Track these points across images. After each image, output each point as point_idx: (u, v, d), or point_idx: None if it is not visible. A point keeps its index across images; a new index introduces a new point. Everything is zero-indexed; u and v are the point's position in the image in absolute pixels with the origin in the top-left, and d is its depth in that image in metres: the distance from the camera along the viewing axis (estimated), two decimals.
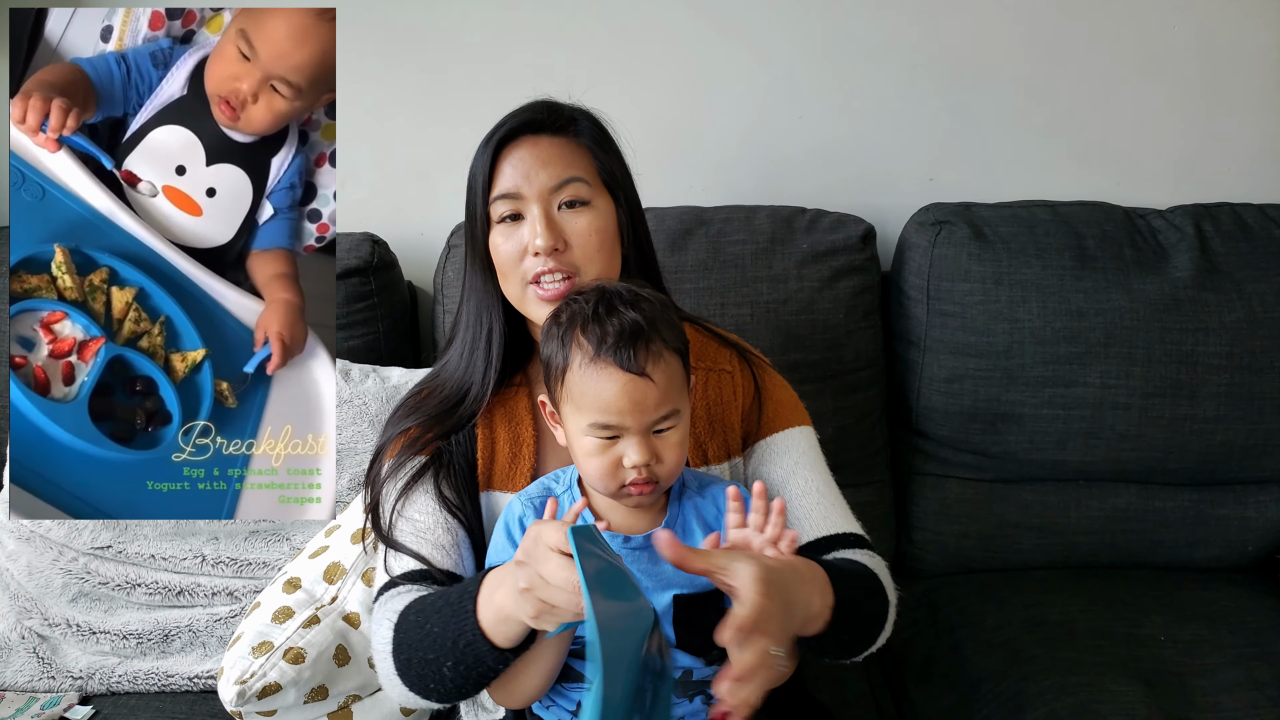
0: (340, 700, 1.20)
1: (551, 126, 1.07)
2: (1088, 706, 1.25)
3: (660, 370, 0.91)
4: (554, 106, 1.09)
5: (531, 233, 1.03)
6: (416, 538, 1.04)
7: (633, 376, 0.90)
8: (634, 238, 1.10)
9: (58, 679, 1.35)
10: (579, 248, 1.03)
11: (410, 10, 1.63)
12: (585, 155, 1.07)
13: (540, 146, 1.06)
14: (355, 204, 1.71)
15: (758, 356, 1.17)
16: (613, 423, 0.91)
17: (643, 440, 0.92)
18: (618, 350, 0.90)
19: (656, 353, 0.92)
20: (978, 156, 1.71)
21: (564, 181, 1.04)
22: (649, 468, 0.92)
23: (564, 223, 1.04)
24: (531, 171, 1.04)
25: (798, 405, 1.16)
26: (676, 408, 0.93)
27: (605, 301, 0.94)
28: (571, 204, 1.04)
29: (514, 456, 1.09)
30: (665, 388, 0.92)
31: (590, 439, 0.93)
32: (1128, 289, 1.52)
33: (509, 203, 1.04)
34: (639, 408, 0.91)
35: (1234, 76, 1.68)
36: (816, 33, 1.66)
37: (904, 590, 1.59)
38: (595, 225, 1.05)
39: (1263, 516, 1.59)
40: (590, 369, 0.91)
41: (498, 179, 1.05)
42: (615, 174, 1.08)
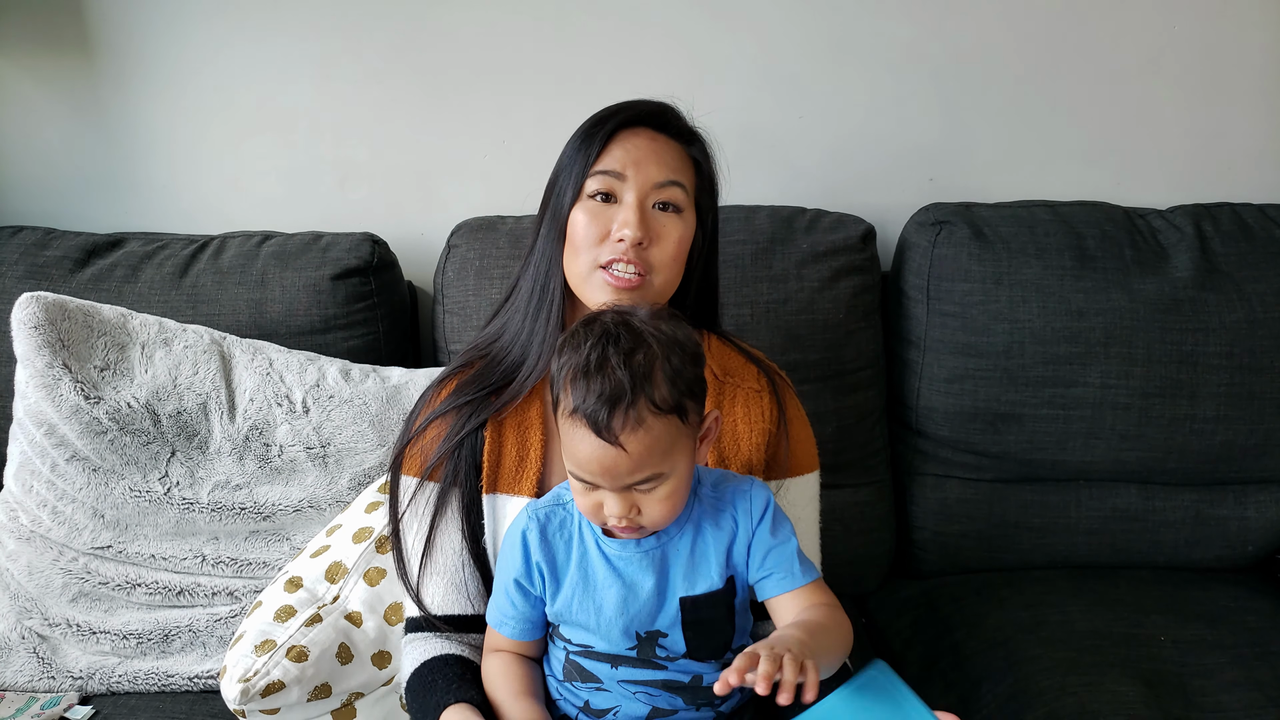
0: (343, 698, 1.20)
1: (673, 129, 1.11)
2: (1088, 706, 1.25)
3: (637, 439, 0.87)
4: (679, 114, 1.13)
5: (624, 220, 1.05)
6: (436, 577, 1.09)
7: (604, 444, 0.87)
8: (702, 260, 1.13)
9: (58, 679, 1.35)
10: (660, 249, 1.06)
11: (410, 10, 1.63)
12: (692, 168, 1.10)
13: (659, 142, 1.09)
14: (355, 204, 1.71)
15: (782, 377, 1.18)
16: (586, 479, 0.91)
17: (620, 496, 0.90)
18: (594, 416, 0.86)
19: (637, 419, 0.86)
20: (978, 156, 1.72)
21: (668, 181, 1.06)
22: (629, 518, 0.92)
23: (654, 221, 1.06)
24: (644, 161, 1.06)
25: (813, 446, 1.18)
26: (659, 471, 0.89)
27: (600, 350, 0.88)
28: (665, 206, 1.07)
29: (520, 460, 1.09)
30: (641, 456, 0.87)
31: (572, 479, 0.93)
32: (1128, 289, 1.52)
33: (609, 180, 1.06)
34: (609, 473, 0.89)
35: (1234, 76, 1.68)
36: (817, 33, 1.66)
37: (904, 590, 1.61)
38: (680, 234, 1.07)
39: (1263, 516, 1.59)
40: (569, 422, 0.89)
41: (606, 155, 1.07)
42: (706, 199, 1.12)
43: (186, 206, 1.72)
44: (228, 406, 1.38)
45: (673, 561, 0.97)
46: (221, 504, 1.36)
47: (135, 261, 1.55)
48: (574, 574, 0.98)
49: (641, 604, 0.96)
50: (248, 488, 1.37)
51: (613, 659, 0.99)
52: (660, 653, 0.97)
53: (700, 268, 1.14)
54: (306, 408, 1.38)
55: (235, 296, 1.51)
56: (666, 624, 0.97)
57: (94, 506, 1.35)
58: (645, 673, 0.98)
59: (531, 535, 0.99)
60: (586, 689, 1.00)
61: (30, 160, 1.71)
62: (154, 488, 1.35)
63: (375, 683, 1.21)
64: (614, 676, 0.99)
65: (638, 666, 0.98)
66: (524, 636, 1.02)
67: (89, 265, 1.54)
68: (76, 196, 1.72)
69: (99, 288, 1.51)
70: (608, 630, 0.97)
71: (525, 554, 0.99)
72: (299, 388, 1.40)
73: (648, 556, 0.97)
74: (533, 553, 0.99)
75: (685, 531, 0.98)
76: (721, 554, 0.97)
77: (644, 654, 0.97)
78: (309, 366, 1.42)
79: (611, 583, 0.97)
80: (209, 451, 1.38)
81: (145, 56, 1.65)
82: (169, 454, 1.36)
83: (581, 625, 0.98)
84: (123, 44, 1.64)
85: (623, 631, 0.97)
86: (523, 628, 1.01)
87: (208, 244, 1.58)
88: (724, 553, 0.97)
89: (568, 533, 0.99)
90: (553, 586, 0.99)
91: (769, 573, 0.97)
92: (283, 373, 1.41)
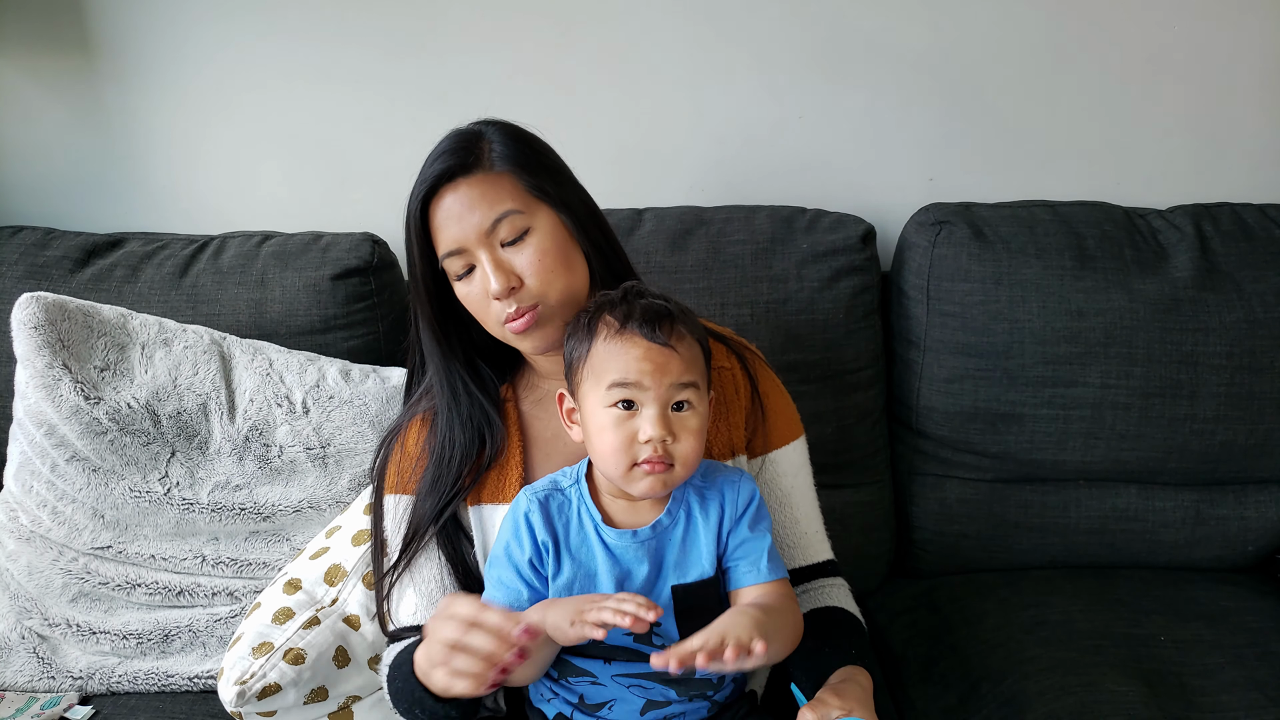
0: (340, 701, 1.20)
1: (463, 168, 1.03)
2: (1088, 706, 1.25)
3: (684, 345, 0.96)
4: (461, 143, 1.04)
5: (484, 280, 1.03)
6: (416, 590, 1.09)
7: (657, 345, 0.94)
8: (590, 236, 1.08)
9: (58, 679, 1.35)
10: (532, 277, 1.03)
11: (410, 10, 1.63)
12: (508, 181, 1.04)
13: (460, 192, 1.03)
14: (355, 204, 1.71)
15: (752, 351, 1.18)
16: (632, 380, 0.93)
17: (661, 413, 0.93)
18: (644, 323, 0.94)
19: (681, 333, 0.96)
20: (978, 156, 1.71)
21: (496, 220, 1.02)
22: (664, 444, 0.93)
23: (511, 259, 1.03)
24: (463, 218, 1.03)
25: (793, 412, 1.18)
26: (696, 381, 0.96)
27: (634, 291, 0.99)
28: (517, 238, 1.03)
29: (501, 469, 1.10)
30: (687, 359, 0.95)
31: (607, 413, 0.94)
32: (1128, 289, 1.52)
33: (459, 259, 1.04)
34: (661, 370, 0.93)
35: (1234, 76, 1.68)
36: (817, 33, 1.65)
37: (904, 590, 1.61)
38: (541, 247, 1.03)
39: (1263, 516, 1.59)
40: (615, 340, 0.95)
41: (437, 237, 1.05)
42: (545, 186, 1.05)
43: (186, 206, 1.72)
44: (228, 407, 1.38)
45: (666, 551, 0.99)
46: (221, 504, 1.36)
47: (135, 261, 1.55)
48: (574, 557, 0.99)
49: (636, 590, 0.97)
50: (248, 488, 1.37)
51: (607, 653, 0.99)
52: (656, 640, 0.98)
53: (595, 238, 1.08)
54: (306, 408, 1.39)
55: (235, 296, 1.51)
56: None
57: (94, 507, 1.35)
58: (639, 665, 0.99)
59: (534, 516, 0.99)
60: (581, 683, 1.00)
61: (30, 160, 1.71)
62: (154, 488, 1.35)
63: (372, 686, 1.22)
64: (608, 671, 0.99)
65: (631, 660, 0.98)
66: None
67: (89, 265, 1.54)
68: (76, 196, 1.72)
69: (99, 288, 1.51)
70: None
71: (531, 534, 0.99)
72: (299, 388, 1.40)
73: (644, 547, 0.98)
74: (537, 531, 0.99)
75: (678, 521, 0.99)
76: (712, 542, 0.99)
77: (641, 640, 0.98)
78: (309, 367, 1.42)
79: (609, 568, 0.97)
80: (209, 452, 1.38)
81: (145, 56, 1.65)
82: (169, 454, 1.37)
83: None
84: (123, 44, 1.64)
85: None
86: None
87: (208, 244, 1.58)
88: (714, 540, 0.99)
89: (566, 516, 1.00)
90: (554, 566, 0.99)
91: (737, 563, 1.00)
92: (283, 373, 1.41)
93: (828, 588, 1.14)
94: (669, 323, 0.95)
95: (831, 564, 1.17)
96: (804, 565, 1.15)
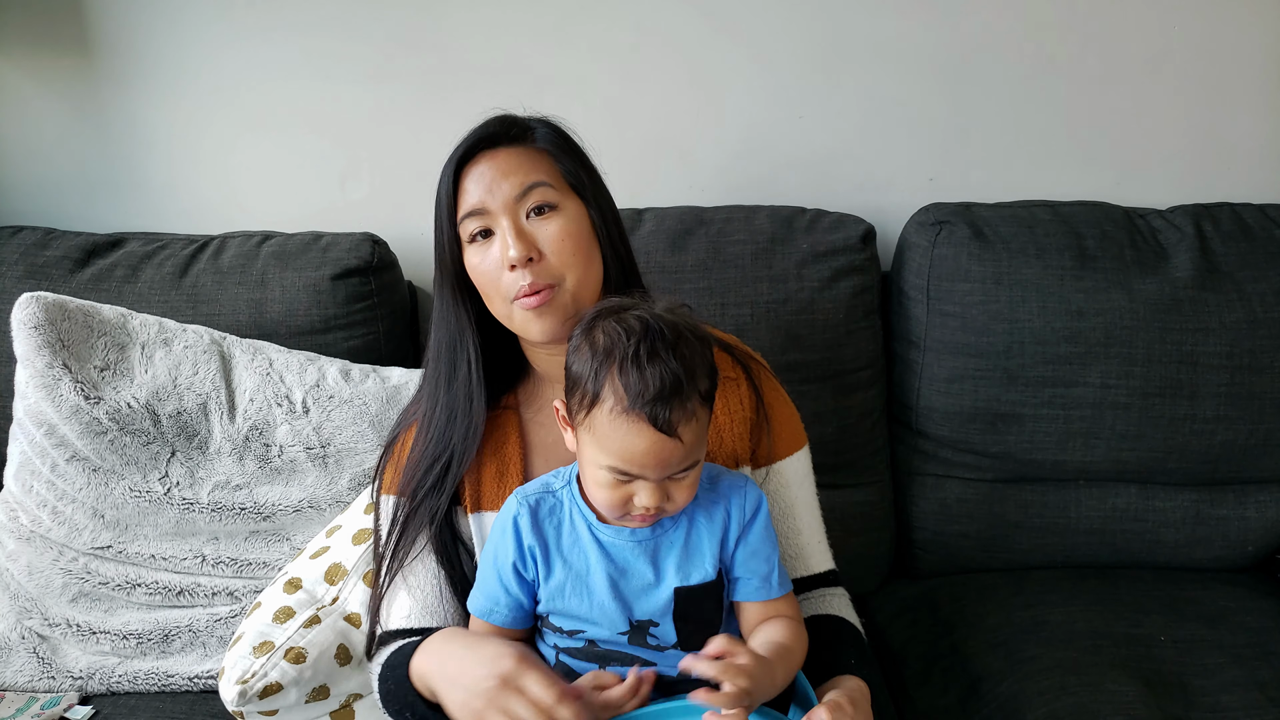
0: (342, 699, 1.20)
1: (508, 138, 1.05)
2: (1088, 706, 1.25)
3: (690, 429, 0.90)
4: (509, 119, 1.07)
5: (503, 246, 1.01)
6: (409, 594, 1.09)
7: (663, 437, 0.88)
8: (611, 239, 1.08)
9: (58, 679, 1.35)
10: (553, 254, 1.02)
11: (409, 10, 1.63)
12: (546, 160, 1.05)
13: (499, 158, 1.04)
14: (355, 204, 1.71)
15: (757, 361, 1.17)
16: (633, 472, 0.91)
17: (657, 487, 0.92)
18: (654, 408, 0.87)
19: (690, 411, 0.89)
20: (978, 156, 1.71)
21: (528, 188, 1.02)
22: (659, 508, 0.93)
23: (534, 231, 1.02)
24: (494, 184, 1.03)
25: (797, 422, 1.17)
26: (699, 458, 0.94)
27: (648, 341, 0.89)
28: (540, 210, 1.03)
29: (501, 475, 1.10)
30: (691, 445, 0.91)
31: (603, 473, 0.92)
32: (1128, 289, 1.52)
33: (477, 219, 1.03)
34: (662, 464, 0.90)
35: (1234, 76, 1.68)
36: (816, 33, 1.65)
37: (904, 590, 1.61)
38: (567, 229, 1.03)
39: (1263, 516, 1.59)
40: (622, 418, 0.89)
41: (462, 198, 1.04)
42: (580, 176, 1.06)
43: (186, 206, 1.72)
44: (228, 407, 1.38)
45: (665, 552, 0.98)
46: (221, 504, 1.36)
47: (135, 261, 1.55)
48: (566, 559, 0.98)
49: (633, 589, 0.97)
50: (248, 488, 1.37)
51: (603, 656, 0.99)
52: (651, 641, 0.98)
53: (616, 242, 1.08)
54: (306, 408, 1.39)
55: (235, 296, 1.51)
56: (658, 613, 0.97)
57: (94, 506, 1.35)
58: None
59: (523, 520, 0.99)
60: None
61: (30, 160, 1.71)
62: (154, 488, 1.35)
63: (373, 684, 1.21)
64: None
65: (627, 663, 0.98)
66: (513, 625, 1.01)
67: (89, 265, 1.54)
68: (76, 196, 1.72)
69: (99, 288, 1.51)
70: (600, 615, 0.97)
71: (517, 538, 0.99)
72: (299, 388, 1.40)
73: (641, 546, 0.98)
74: (524, 537, 0.99)
75: (680, 523, 0.99)
76: (715, 545, 0.98)
77: (635, 640, 0.98)
78: (309, 366, 1.42)
79: (604, 568, 0.97)
80: (209, 452, 1.38)
81: (145, 56, 1.65)
82: (169, 454, 1.37)
83: (573, 612, 0.98)
84: (123, 44, 1.64)
85: (615, 616, 0.97)
86: (513, 616, 1.01)
87: (208, 244, 1.58)
88: (717, 544, 0.98)
89: (558, 519, 1.00)
90: (544, 570, 0.99)
91: (744, 576, 0.99)
92: (283, 373, 1.41)
93: (828, 597, 1.14)
94: (680, 402, 0.88)
95: (833, 574, 1.16)
96: (805, 575, 1.14)
